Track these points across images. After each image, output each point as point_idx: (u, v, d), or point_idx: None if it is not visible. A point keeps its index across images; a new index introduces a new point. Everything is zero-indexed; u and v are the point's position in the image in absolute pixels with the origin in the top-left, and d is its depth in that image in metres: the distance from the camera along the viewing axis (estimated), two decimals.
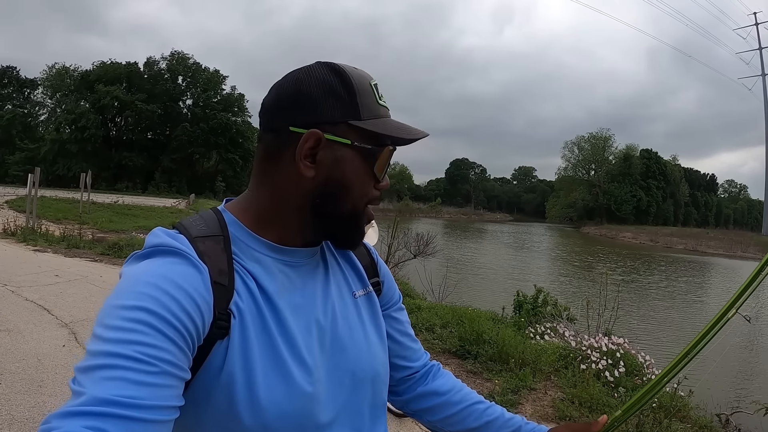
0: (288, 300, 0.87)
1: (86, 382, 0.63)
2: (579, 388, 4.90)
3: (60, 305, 6.77)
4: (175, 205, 35.37)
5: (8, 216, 17.68)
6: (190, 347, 0.73)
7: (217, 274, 0.80)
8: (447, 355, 5.85)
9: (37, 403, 4.00)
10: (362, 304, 1.02)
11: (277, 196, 0.89)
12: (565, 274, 24.51)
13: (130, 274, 0.76)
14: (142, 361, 0.65)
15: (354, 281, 1.04)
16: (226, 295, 0.80)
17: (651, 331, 12.36)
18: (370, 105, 0.87)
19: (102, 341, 0.67)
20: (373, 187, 0.91)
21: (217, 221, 0.88)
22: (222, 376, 0.78)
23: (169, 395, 0.67)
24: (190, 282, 0.75)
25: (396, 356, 1.12)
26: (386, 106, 0.92)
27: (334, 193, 0.87)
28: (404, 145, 0.92)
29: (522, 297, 8.26)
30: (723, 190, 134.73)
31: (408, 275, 11.61)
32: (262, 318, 0.83)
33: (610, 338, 6.14)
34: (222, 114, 61.65)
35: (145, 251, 0.80)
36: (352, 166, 0.87)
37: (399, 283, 6.42)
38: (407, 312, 1.20)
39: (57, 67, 62.83)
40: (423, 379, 1.16)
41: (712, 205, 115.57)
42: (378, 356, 0.99)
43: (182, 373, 0.71)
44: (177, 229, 0.85)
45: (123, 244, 12.68)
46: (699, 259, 41.93)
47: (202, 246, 0.82)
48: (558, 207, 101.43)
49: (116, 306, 0.70)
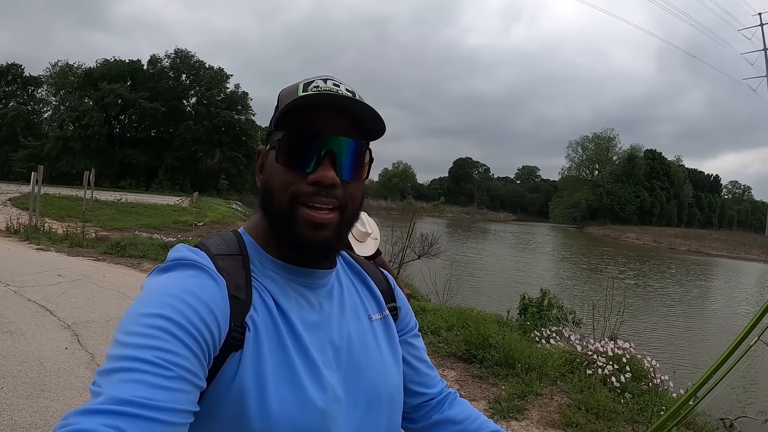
0: (304, 318, 0.89)
1: (105, 384, 0.65)
2: (585, 394, 4.86)
3: (62, 306, 6.75)
4: (179, 203, 35.28)
5: (11, 213, 17.71)
6: (206, 356, 0.74)
7: (235, 289, 0.83)
8: (453, 359, 5.81)
9: (39, 408, 3.96)
10: (378, 328, 1.02)
11: None
12: (570, 276, 24.48)
13: (152, 286, 0.78)
14: (160, 366, 0.67)
15: (371, 305, 1.05)
16: (243, 308, 0.82)
17: (657, 334, 12.30)
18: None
19: (122, 346, 0.69)
20: (300, 181, 0.86)
21: (237, 242, 0.92)
22: (233, 386, 0.78)
23: (184, 400, 0.69)
24: (209, 293, 0.78)
25: (412, 382, 1.11)
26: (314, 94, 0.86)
27: (265, 196, 0.91)
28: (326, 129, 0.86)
29: (527, 300, 8.21)
30: (727, 191, 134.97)
31: (412, 276, 11.57)
32: (278, 333, 0.85)
33: (616, 343, 6.10)
34: (226, 112, 61.54)
35: (167, 264, 0.83)
36: (270, 166, 0.90)
37: (404, 284, 6.37)
38: (413, 312, 1.18)
39: (61, 65, 63.03)
40: (439, 407, 1.14)
41: (716, 206, 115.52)
42: (393, 379, 1.00)
43: (198, 381, 0.72)
44: (198, 247, 0.89)
45: (126, 244, 12.67)
46: (703, 260, 41.88)
47: (221, 263, 0.85)
48: (561, 207, 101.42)
49: (137, 314, 0.72)
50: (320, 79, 0.90)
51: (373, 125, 0.90)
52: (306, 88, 0.87)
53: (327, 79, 0.90)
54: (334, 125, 0.87)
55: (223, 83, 64.98)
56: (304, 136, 0.86)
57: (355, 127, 0.89)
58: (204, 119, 60.53)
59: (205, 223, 24.78)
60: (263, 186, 0.92)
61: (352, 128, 0.88)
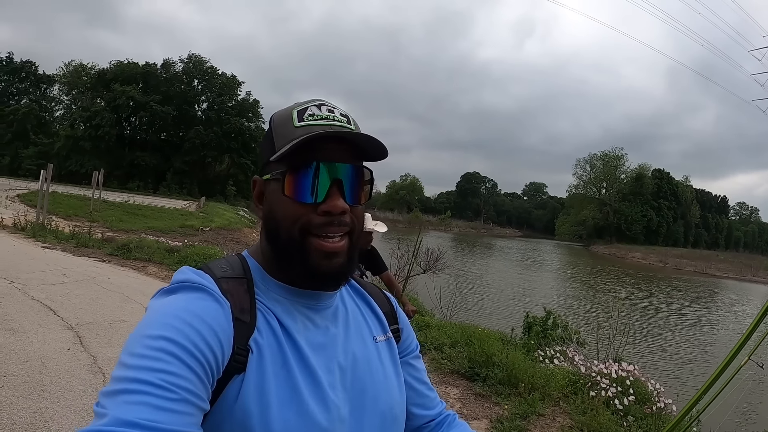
0: (309, 339, 0.90)
1: (109, 405, 0.66)
2: (588, 416, 4.82)
3: (66, 306, 6.74)
4: (186, 207, 35.29)
5: (19, 210, 17.79)
6: (209, 378, 0.75)
7: (239, 312, 0.83)
8: (455, 376, 5.76)
9: (39, 409, 3.94)
10: (382, 349, 1.04)
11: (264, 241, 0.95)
12: (575, 296, 24.38)
13: (156, 308, 0.79)
14: (164, 388, 0.68)
15: (375, 326, 1.06)
16: (246, 331, 0.83)
17: (661, 357, 12.21)
18: (284, 133, 0.88)
19: (126, 368, 0.69)
20: (311, 212, 0.87)
21: (241, 265, 0.93)
22: (236, 408, 0.79)
23: (187, 422, 0.69)
24: (213, 316, 0.79)
25: (412, 404, 1.10)
26: (314, 123, 0.87)
27: (270, 227, 0.91)
28: (328, 156, 0.87)
29: (532, 318, 8.17)
30: (734, 212, 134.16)
31: (417, 290, 11.53)
32: (282, 354, 0.85)
33: (620, 365, 6.04)
34: (236, 119, 61.78)
35: (172, 287, 0.84)
36: (275, 197, 0.89)
37: (409, 299, 6.30)
38: (416, 329, 1.18)
39: (74, 65, 63.46)
40: (437, 428, 1.14)
41: (723, 227, 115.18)
42: (397, 400, 1.00)
43: (201, 403, 0.73)
44: (203, 270, 0.89)
45: (132, 246, 12.64)
46: (709, 281, 41.65)
47: (226, 285, 0.86)
48: (568, 224, 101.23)
49: (141, 335, 0.73)
50: (313, 106, 0.90)
51: (374, 152, 0.91)
52: (301, 117, 0.88)
53: (321, 105, 0.91)
54: (338, 153, 0.88)
55: (234, 90, 65.25)
56: (309, 168, 0.86)
57: (355, 152, 0.90)
58: (214, 125, 60.74)
59: (212, 228, 24.68)
60: (267, 217, 0.92)
61: (352, 154, 0.90)
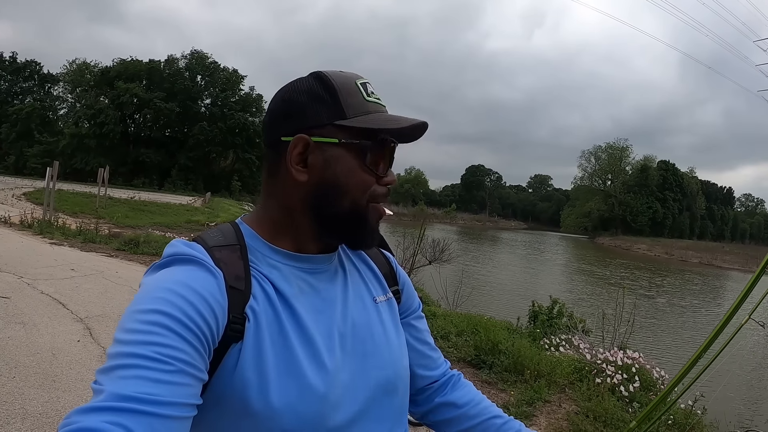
0: (308, 303, 0.89)
1: (106, 381, 0.66)
2: (594, 402, 4.84)
3: (75, 300, 6.81)
4: (191, 203, 35.44)
5: (26, 208, 17.87)
6: (205, 349, 0.75)
7: (233, 280, 0.83)
8: (462, 364, 5.80)
9: (51, 398, 4.00)
10: (383, 310, 1.03)
11: (283, 205, 0.93)
12: (581, 286, 24.33)
13: (148, 283, 0.79)
14: (159, 361, 0.67)
15: (375, 287, 1.05)
16: (242, 299, 0.82)
17: (666, 345, 12.22)
18: (356, 103, 0.89)
19: (121, 344, 0.69)
20: (375, 183, 0.91)
21: (234, 233, 0.92)
22: (235, 378, 0.79)
23: (186, 393, 0.69)
24: (205, 286, 0.78)
25: (415, 365, 1.11)
26: (378, 102, 0.93)
27: (330, 193, 0.89)
28: (401, 139, 0.94)
29: (537, 307, 8.19)
30: (740, 204, 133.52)
31: (423, 281, 11.56)
32: (278, 321, 0.85)
33: (626, 352, 6.06)
34: (240, 114, 61.77)
35: (163, 261, 0.84)
36: (344, 164, 0.89)
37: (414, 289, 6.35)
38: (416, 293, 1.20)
39: (77, 63, 63.52)
40: (442, 389, 1.15)
41: (729, 218, 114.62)
42: (400, 361, 1.00)
43: (199, 373, 0.72)
44: (195, 241, 0.89)
45: (139, 241, 12.72)
46: (714, 272, 41.51)
47: (219, 254, 0.85)
48: (573, 216, 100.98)
49: (134, 311, 0.73)
50: (366, 82, 0.94)
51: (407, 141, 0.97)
52: (366, 91, 0.92)
53: (365, 82, 0.94)
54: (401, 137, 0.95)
55: (237, 85, 65.27)
56: (389, 146, 0.92)
57: None
58: (218, 120, 60.74)
59: (217, 223, 24.63)
60: (322, 183, 0.89)
61: None
